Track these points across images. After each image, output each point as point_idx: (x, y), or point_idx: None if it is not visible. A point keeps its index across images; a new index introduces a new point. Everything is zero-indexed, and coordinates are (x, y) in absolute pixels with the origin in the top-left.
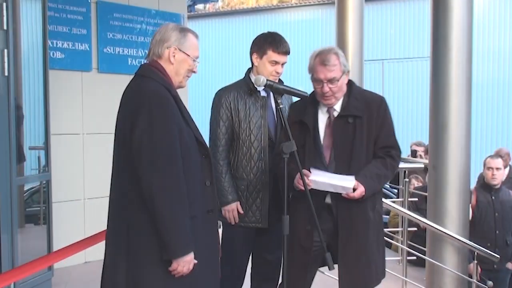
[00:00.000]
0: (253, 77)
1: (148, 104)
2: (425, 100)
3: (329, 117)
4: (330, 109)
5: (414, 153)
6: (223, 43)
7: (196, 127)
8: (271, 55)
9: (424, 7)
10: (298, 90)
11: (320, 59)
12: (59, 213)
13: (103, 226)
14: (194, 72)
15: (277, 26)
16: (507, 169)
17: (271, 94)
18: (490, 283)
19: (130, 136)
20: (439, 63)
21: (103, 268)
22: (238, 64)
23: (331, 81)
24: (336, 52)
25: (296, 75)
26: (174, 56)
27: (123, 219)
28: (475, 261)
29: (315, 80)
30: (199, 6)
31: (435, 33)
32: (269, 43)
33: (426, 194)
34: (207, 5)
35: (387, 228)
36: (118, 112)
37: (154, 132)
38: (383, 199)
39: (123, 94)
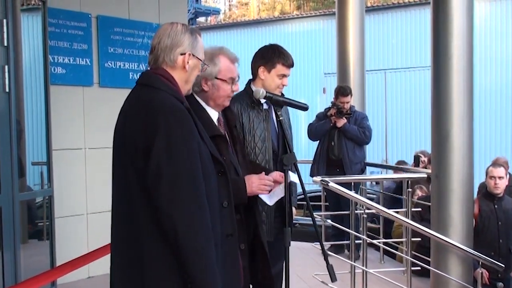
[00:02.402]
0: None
1: (165, 122)
2: (428, 109)
3: None
4: None
5: (417, 159)
6: None
7: (210, 141)
8: (280, 69)
9: (426, 16)
10: (298, 102)
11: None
12: (62, 228)
13: (107, 241)
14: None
15: (278, 38)
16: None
17: (272, 106)
18: (500, 284)
19: (142, 156)
20: (440, 71)
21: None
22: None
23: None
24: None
25: (297, 87)
26: (188, 62)
27: (133, 233)
28: (481, 269)
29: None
30: (201, 19)
31: (436, 41)
32: (277, 56)
33: (429, 204)
34: (209, 18)
35: (391, 238)
36: (122, 125)
37: (173, 154)
38: (387, 210)
39: (127, 104)
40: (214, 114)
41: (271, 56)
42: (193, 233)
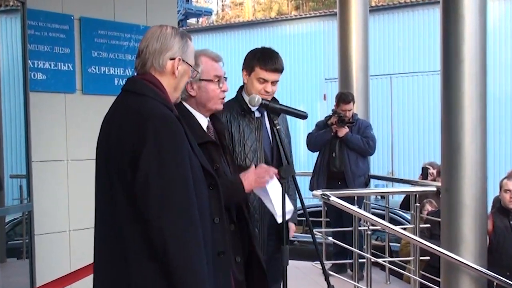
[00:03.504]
0: (246, 96)
1: (154, 131)
2: (437, 118)
3: None
4: None
5: (425, 171)
6: None
7: (201, 153)
8: (258, 72)
9: (435, 17)
10: (297, 109)
11: None
12: (42, 246)
13: (90, 260)
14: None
15: (275, 40)
16: None
17: (265, 114)
18: None
19: (130, 168)
20: (451, 76)
21: None
22: (234, 82)
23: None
24: None
25: (296, 93)
26: (177, 68)
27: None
28: None
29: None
30: (192, 21)
31: (446, 44)
32: (257, 59)
33: (439, 219)
34: (200, 19)
35: (398, 257)
36: (107, 134)
37: (164, 165)
38: (393, 226)
39: (112, 112)
40: (203, 121)
41: (251, 59)
42: (185, 249)
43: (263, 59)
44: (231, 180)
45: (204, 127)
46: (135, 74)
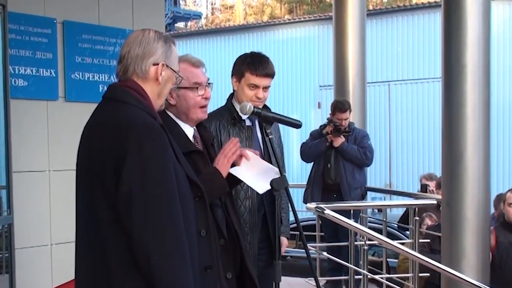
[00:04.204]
0: (236, 104)
1: (137, 140)
2: (438, 127)
3: None
4: None
5: (424, 188)
6: (207, 65)
7: (186, 162)
8: (249, 77)
9: (435, 21)
10: (290, 118)
11: None
12: (23, 260)
13: (73, 275)
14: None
15: (268, 45)
16: None
17: (257, 122)
18: None
19: (112, 178)
20: (452, 84)
21: None
22: (224, 89)
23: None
24: None
25: (289, 101)
26: (161, 74)
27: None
28: None
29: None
30: (180, 25)
31: (447, 50)
32: (246, 64)
33: (439, 234)
34: (189, 23)
35: (396, 273)
36: (88, 142)
37: (147, 178)
38: (391, 241)
39: (93, 119)
40: (189, 131)
41: (240, 64)
42: (170, 264)
43: (253, 64)
44: (205, 172)
45: (190, 136)
46: (117, 80)
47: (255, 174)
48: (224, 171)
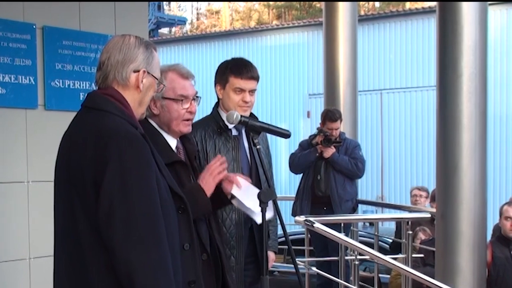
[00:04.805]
0: (223, 113)
1: (118, 150)
2: (433, 138)
3: None
4: None
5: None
6: (192, 72)
7: (169, 174)
8: (234, 82)
9: (430, 27)
10: (278, 127)
11: None
12: (0, 275)
13: None
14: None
15: (255, 52)
16: None
17: (243, 132)
18: None
19: (92, 190)
20: (447, 93)
21: None
22: (210, 97)
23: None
24: None
25: (277, 110)
26: (142, 81)
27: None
28: None
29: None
30: (164, 30)
31: (442, 57)
32: (230, 69)
33: (433, 249)
34: (173, 29)
35: None
36: (67, 152)
37: (128, 190)
38: (382, 256)
39: (72, 129)
40: (172, 141)
41: (223, 70)
42: (153, 280)
43: (237, 68)
44: (188, 188)
45: (173, 147)
46: (96, 88)
47: (250, 202)
48: (208, 190)
